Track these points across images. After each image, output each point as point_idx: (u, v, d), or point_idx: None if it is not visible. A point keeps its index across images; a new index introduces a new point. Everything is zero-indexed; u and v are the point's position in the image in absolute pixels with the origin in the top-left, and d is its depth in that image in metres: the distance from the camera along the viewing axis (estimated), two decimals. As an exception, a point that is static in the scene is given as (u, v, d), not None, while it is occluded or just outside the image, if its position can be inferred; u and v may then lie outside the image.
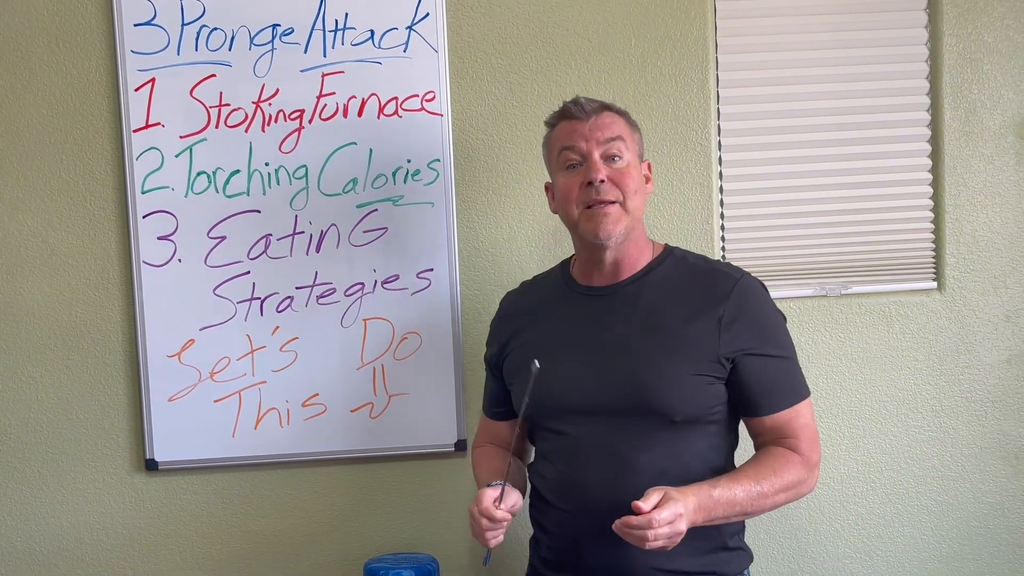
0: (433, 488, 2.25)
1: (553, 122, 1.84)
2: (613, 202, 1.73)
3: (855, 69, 2.27)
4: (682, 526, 1.57)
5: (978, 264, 2.30)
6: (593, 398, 1.74)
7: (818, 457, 1.77)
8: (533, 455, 1.92)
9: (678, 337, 1.73)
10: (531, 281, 1.99)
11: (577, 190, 1.75)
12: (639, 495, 1.59)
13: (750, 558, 1.85)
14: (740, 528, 1.82)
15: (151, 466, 2.19)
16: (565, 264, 1.93)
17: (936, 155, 2.29)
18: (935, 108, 2.28)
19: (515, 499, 1.74)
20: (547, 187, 1.90)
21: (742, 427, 1.83)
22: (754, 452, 1.80)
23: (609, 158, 1.75)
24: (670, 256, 1.84)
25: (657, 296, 1.77)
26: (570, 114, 1.79)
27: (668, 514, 1.56)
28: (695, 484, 1.65)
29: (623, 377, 1.73)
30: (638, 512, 1.56)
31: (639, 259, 1.81)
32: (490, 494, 1.71)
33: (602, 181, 1.72)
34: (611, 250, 1.77)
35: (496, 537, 1.70)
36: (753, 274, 1.82)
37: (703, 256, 1.87)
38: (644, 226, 1.84)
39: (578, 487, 1.75)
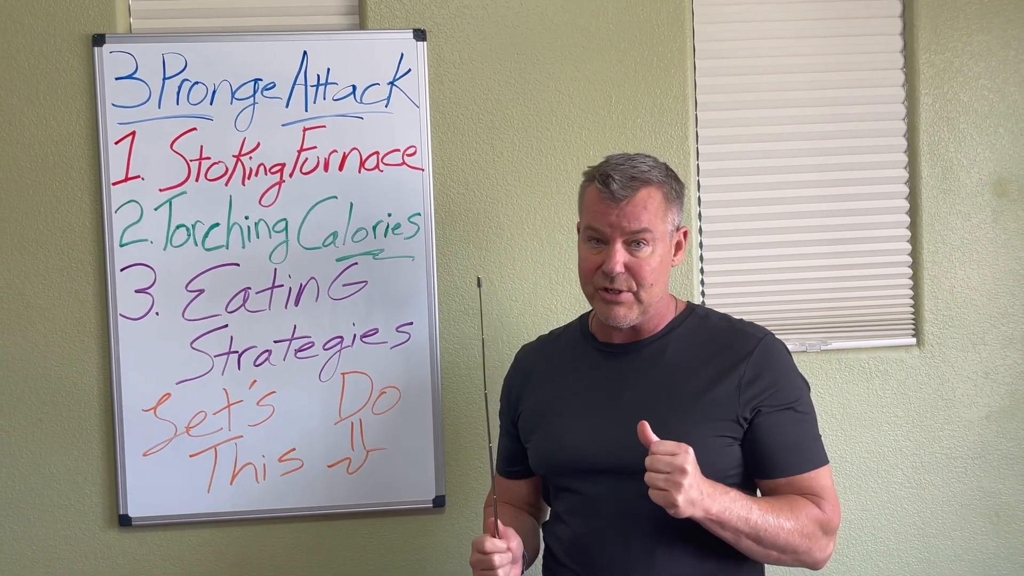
0: (412, 545, 2.23)
1: (588, 181, 1.75)
2: (627, 290, 1.69)
3: (834, 127, 2.29)
4: (684, 463, 1.51)
5: (956, 320, 2.31)
6: (611, 458, 1.69)
7: (838, 522, 1.68)
8: (548, 515, 1.88)
9: (698, 398, 1.69)
10: (548, 335, 1.95)
11: (593, 271, 1.71)
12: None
13: None
14: None
15: (124, 522, 2.16)
16: (583, 319, 1.88)
17: (914, 212, 2.30)
18: (912, 166, 2.30)
19: (511, 534, 1.67)
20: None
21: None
22: None
23: (633, 243, 1.69)
24: (692, 315, 1.80)
25: (678, 356, 1.74)
26: (604, 189, 1.69)
27: (672, 445, 1.53)
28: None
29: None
30: (644, 434, 1.55)
31: (660, 321, 1.77)
32: (484, 536, 1.65)
33: (619, 273, 1.68)
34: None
35: (505, 570, 1.63)
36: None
37: (726, 315, 1.82)
38: (667, 290, 1.78)
39: (592, 548, 1.71)
